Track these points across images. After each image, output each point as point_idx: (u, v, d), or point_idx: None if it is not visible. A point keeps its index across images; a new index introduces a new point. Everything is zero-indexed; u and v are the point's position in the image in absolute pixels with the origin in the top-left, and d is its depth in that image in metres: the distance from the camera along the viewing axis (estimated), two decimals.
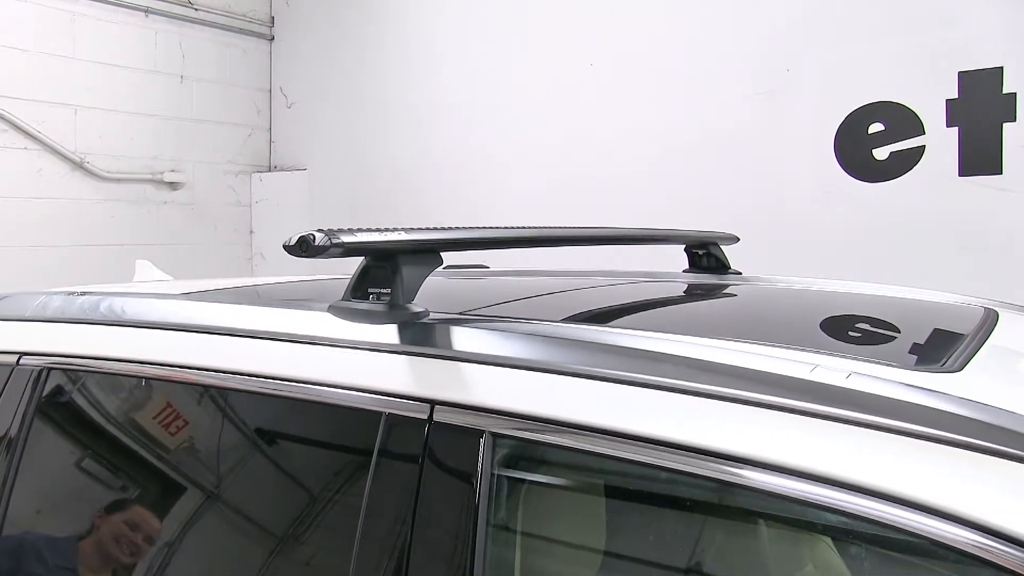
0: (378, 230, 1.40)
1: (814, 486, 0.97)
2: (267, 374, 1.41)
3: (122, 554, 1.54)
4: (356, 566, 1.23)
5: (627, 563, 1.22)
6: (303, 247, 1.33)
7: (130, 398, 1.65)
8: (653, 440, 1.07)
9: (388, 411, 1.27)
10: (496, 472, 1.17)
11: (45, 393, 1.68)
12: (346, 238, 1.33)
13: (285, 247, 1.36)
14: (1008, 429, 0.94)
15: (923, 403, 1.00)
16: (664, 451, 1.06)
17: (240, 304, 1.60)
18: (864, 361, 1.19)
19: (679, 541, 1.15)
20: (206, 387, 1.50)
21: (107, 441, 1.69)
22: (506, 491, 1.19)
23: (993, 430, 0.94)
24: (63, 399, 1.70)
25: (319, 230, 1.34)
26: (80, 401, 1.70)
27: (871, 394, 1.02)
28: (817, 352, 1.23)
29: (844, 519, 0.96)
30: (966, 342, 1.42)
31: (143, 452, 1.63)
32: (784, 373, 1.08)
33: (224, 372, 1.46)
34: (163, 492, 1.59)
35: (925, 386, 1.06)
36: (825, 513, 0.97)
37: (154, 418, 1.59)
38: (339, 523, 1.32)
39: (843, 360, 1.19)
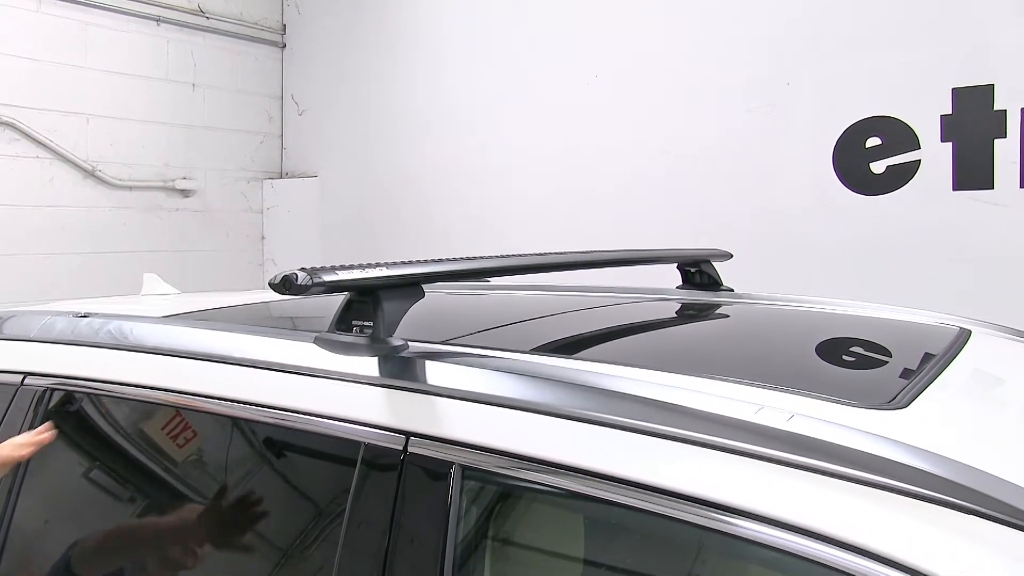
0: (360, 266, 1.47)
1: (752, 523, 1.03)
2: (256, 401, 1.48)
3: (114, 567, 1.61)
4: None
5: None
6: (286, 286, 1.39)
7: (128, 420, 1.72)
8: (608, 477, 1.13)
9: (367, 441, 1.34)
10: (465, 504, 1.25)
11: (49, 412, 1.76)
12: (327, 276, 1.40)
13: (271, 285, 1.42)
14: (931, 473, 1.01)
15: (854, 446, 1.06)
16: (618, 488, 1.12)
17: (233, 332, 1.66)
18: (813, 399, 1.25)
19: (637, 575, 1.22)
20: (199, 412, 1.57)
21: (106, 460, 1.77)
22: (474, 523, 1.27)
23: (917, 474, 1.01)
24: (65, 419, 1.77)
25: (302, 269, 1.40)
26: (81, 421, 1.78)
27: (808, 436, 1.08)
28: (770, 388, 1.29)
29: (782, 557, 1.02)
30: (922, 373, 1.48)
31: (141, 472, 1.71)
32: (731, 415, 1.14)
33: (215, 398, 1.53)
34: (156, 510, 1.66)
35: (865, 428, 1.12)
36: (766, 551, 1.03)
37: (151, 440, 1.67)
38: (318, 550, 1.39)
39: (792, 397, 1.25)
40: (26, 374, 1.83)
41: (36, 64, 5.35)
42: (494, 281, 2.70)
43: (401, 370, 1.39)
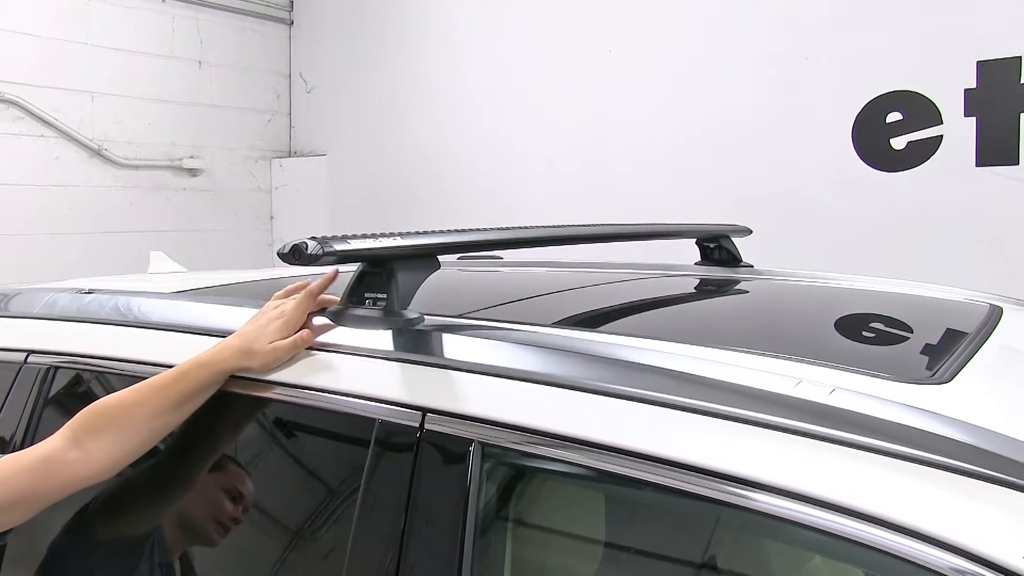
0: (373, 236, 1.41)
1: (792, 503, 0.97)
2: (265, 378, 1.42)
3: (123, 547, 1.56)
4: (348, 571, 1.24)
5: (610, 574, 1.23)
6: (296, 255, 1.33)
7: None
8: (636, 454, 1.07)
9: (381, 418, 1.28)
10: (485, 482, 1.18)
11: (52, 392, 1.70)
12: (339, 246, 1.34)
13: (279, 255, 1.36)
14: (982, 449, 0.94)
15: (901, 421, 1.00)
16: (648, 465, 1.06)
17: (242, 307, 1.60)
18: (852, 373, 1.19)
19: (660, 552, 1.16)
20: None
21: None
22: (495, 502, 1.21)
23: (967, 450, 0.94)
24: (70, 398, 1.72)
25: (312, 238, 1.34)
26: (87, 400, 1.71)
27: (852, 411, 1.02)
28: (806, 362, 1.23)
29: (821, 537, 0.96)
30: (960, 349, 1.42)
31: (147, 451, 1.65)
32: (768, 388, 1.08)
33: None
34: (164, 490, 1.60)
35: (909, 402, 1.06)
36: (802, 531, 0.97)
37: None
38: (333, 528, 1.34)
39: (830, 371, 1.19)
40: (29, 352, 1.77)
41: (40, 41, 5.28)
42: (507, 258, 2.64)
43: (417, 344, 1.33)
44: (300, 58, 6.73)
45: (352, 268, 1.47)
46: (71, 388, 1.71)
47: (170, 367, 1.45)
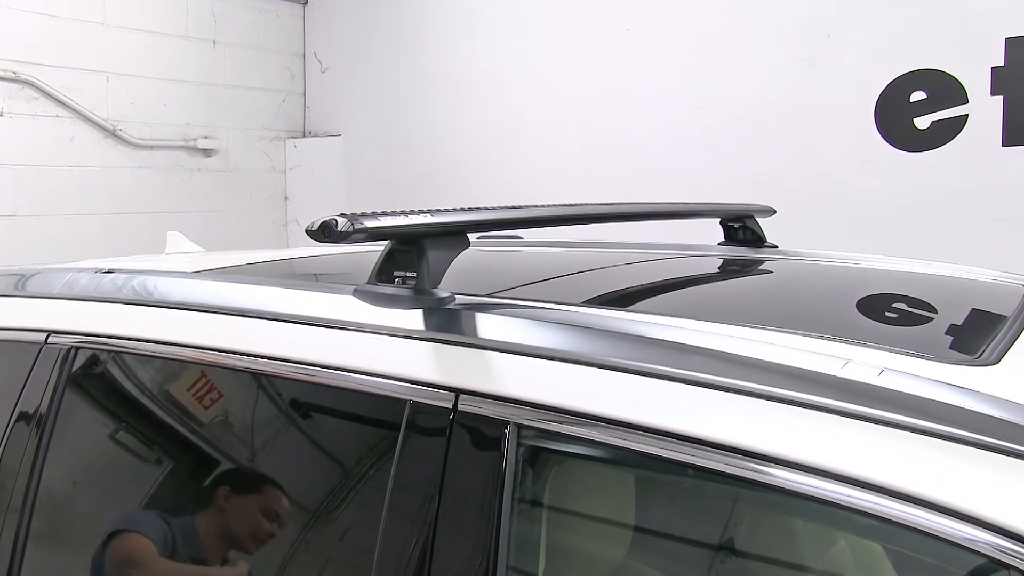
0: (403, 213, 1.38)
1: (843, 487, 0.94)
2: (291, 358, 1.40)
3: (152, 530, 1.54)
4: (380, 557, 1.22)
5: (651, 558, 1.21)
6: (325, 232, 1.30)
7: (157, 379, 1.64)
8: (680, 436, 1.04)
9: (413, 399, 1.26)
10: (521, 464, 1.16)
11: (73, 372, 1.68)
12: (369, 222, 1.31)
13: (308, 232, 1.33)
14: None
15: (955, 403, 0.97)
16: (691, 447, 1.04)
17: (266, 286, 1.58)
18: (897, 354, 1.16)
19: (703, 538, 1.13)
20: (231, 369, 1.49)
21: (135, 421, 1.69)
22: (531, 485, 1.18)
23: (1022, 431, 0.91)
24: (92, 378, 1.70)
25: (342, 215, 1.31)
26: (108, 381, 1.70)
27: (903, 393, 0.99)
28: (849, 343, 1.20)
29: (871, 521, 0.93)
30: (1004, 329, 1.38)
31: (170, 433, 1.63)
32: (815, 369, 1.05)
33: (248, 355, 1.44)
34: (188, 472, 1.59)
35: (959, 383, 1.03)
36: (852, 515, 0.94)
37: (180, 399, 1.59)
38: (362, 514, 1.31)
39: (875, 352, 1.16)
40: (50, 332, 1.75)
41: (54, 20, 5.24)
42: (527, 239, 2.62)
43: (449, 323, 1.30)
44: (315, 38, 6.69)
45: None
46: (92, 368, 1.69)
47: (192, 347, 1.42)
